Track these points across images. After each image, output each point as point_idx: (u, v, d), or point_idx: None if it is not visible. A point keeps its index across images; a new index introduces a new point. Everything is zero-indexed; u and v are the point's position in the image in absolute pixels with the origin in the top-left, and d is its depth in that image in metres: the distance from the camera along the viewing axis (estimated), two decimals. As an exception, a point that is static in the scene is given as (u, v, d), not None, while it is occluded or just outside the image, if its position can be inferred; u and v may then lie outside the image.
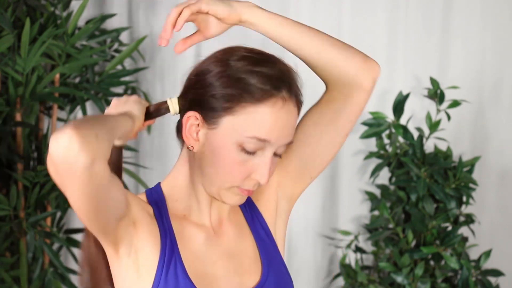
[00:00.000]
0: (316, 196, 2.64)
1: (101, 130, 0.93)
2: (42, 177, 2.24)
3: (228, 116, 1.07)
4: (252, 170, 1.09)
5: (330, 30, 2.59)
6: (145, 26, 2.58)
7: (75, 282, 2.50)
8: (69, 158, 0.88)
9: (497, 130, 2.61)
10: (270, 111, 1.07)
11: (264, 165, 1.09)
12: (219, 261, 1.14)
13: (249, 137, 1.06)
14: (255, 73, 1.08)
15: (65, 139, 0.88)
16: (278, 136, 1.08)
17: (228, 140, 1.07)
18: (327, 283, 2.69)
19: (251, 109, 1.06)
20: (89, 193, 0.93)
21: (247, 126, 1.06)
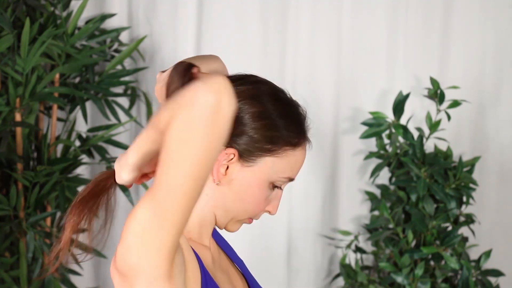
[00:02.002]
0: (316, 196, 2.64)
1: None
2: (42, 177, 2.24)
3: (269, 157, 1.10)
4: (268, 203, 1.15)
5: (330, 30, 2.61)
6: (145, 26, 2.58)
7: (75, 282, 2.49)
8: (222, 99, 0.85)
9: (497, 130, 2.61)
10: (302, 154, 1.14)
11: (278, 198, 1.16)
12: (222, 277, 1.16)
13: (284, 177, 1.12)
14: (296, 116, 1.13)
15: (216, 83, 0.85)
16: (296, 173, 1.16)
17: (263, 178, 1.11)
18: (327, 283, 2.69)
19: (291, 152, 1.12)
20: (219, 137, 0.87)
21: (285, 167, 1.12)
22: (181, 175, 0.88)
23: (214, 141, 0.87)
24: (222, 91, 0.86)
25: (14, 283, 2.29)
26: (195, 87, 0.86)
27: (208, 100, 0.85)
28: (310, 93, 2.57)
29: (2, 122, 2.24)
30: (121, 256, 0.95)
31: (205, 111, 0.85)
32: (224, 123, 0.87)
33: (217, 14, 2.57)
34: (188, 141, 0.86)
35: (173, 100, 0.88)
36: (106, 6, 2.55)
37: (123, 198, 2.63)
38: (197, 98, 0.85)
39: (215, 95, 0.85)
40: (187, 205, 0.90)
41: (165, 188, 0.89)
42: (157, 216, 0.90)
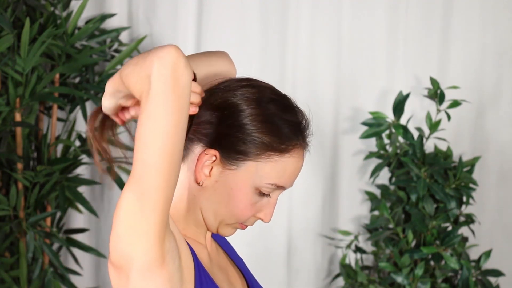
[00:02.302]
0: (316, 196, 2.64)
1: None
2: (41, 177, 2.24)
3: (252, 162, 1.06)
4: (258, 210, 1.11)
5: (330, 30, 2.61)
6: (145, 26, 2.58)
7: (75, 282, 2.49)
8: (178, 70, 0.91)
9: (497, 130, 2.61)
10: (292, 161, 1.08)
11: (271, 205, 1.11)
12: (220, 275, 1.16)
13: (269, 184, 1.07)
14: (285, 122, 1.08)
15: (171, 50, 0.92)
16: (291, 181, 1.10)
17: (247, 183, 1.07)
18: (327, 283, 2.69)
19: (277, 158, 1.07)
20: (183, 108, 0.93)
21: (270, 174, 1.07)
22: (154, 151, 0.91)
23: (178, 112, 0.92)
24: (175, 61, 0.91)
25: (14, 283, 2.29)
26: (150, 60, 0.92)
27: (163, 73, 0.91)
28: (310, 93, 2.57)
29: (2, 122, 2.24)
30: (113, 247, 0.96)
31: (163, 85, 0.91)
32: (183, 93, 0.92)
33: (217, 14, 2.57)
34: (154, 117, 0.91)
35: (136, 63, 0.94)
36: (106, 6, 2.55)
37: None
38: (153, 73, 0.91)
39: (169, 67, 0.91)
40: (166, 181, 0.93)
41: (141, 167, 0.92)
42: (138, 198, 0.92)
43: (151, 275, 0.95)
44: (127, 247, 0.94)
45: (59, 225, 2.49)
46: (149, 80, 0.91)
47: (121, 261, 0.96)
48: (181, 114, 0.92)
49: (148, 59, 0.92)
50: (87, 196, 2.63)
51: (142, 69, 0.92)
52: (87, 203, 2.30)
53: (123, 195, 0.94)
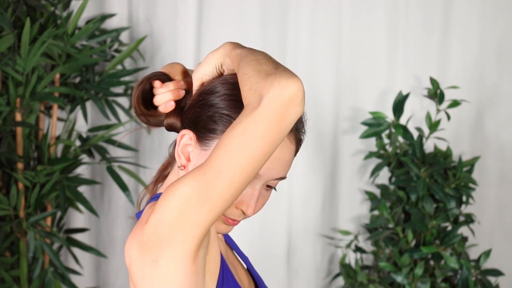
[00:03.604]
0: (316, 196, 2.64)
1: None
2: (42, 177, 2.24)
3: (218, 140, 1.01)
4: (239, 200, 1.05)
5: (330, 31, 2.61)
6: (145, 26, 2.59)
7: (75, 282, 2.50)
8: (294, 102, 0.91)
9: (497, 130, 2.61)
10: None
11: (251, 196, 1.05)
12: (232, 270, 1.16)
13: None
14: None
15: (294, 85, 0.91)
16: (267, 168, 1.02)
17: None
18: (327, 283, 2.69)
19: None
20: (279, 139, 0.93)
21: None
22: (235, 167, 0.91)
23: (273, 143, 0.92)
24: (293, 97, 0.90)
25: (15, 283, 2.29)
26: (270, 81, 0.91)
27: (276, 104, 0.90)
28: (310, 93, 2.57)
29: (2, 122, 2.24)
30: (152, 226, 0.95)
31: (271, 114, 0.90)
32: (286, 129, 0.91)
33: (217, 14, 2.57)
34: (249, 137, 0.90)
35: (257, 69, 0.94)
36: (106, 6, 2.56)
37: (123, 198, 2.63)
38: (267, 97, 0.90)
39: (285, 101, 0.90)
40: (233, 194, 0.93)
41: (216, 172, 0.92)
42: (199, 196, 0.92)
43: (182, 265, 0.96)
44: (167, 232, 0.94)
45: (60, 224, 2.49)
46: (261, 99, 0.90)
47: (155, 243, 0.95)
48: (274, 145, 0.92)
49: (270, 79, 0.91)
50: (87, 196, 2.64)
51: (259, 85, 0.91)
52: (87, 203, 2.31)
53: (182, 185, 0.93)
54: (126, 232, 2.66)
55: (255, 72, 0.93)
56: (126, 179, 2.54)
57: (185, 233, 0.94)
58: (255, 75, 0.93)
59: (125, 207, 2.66)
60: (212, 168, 0.92)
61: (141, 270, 0.97)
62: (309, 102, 1.20)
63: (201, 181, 0.92)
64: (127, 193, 2.38)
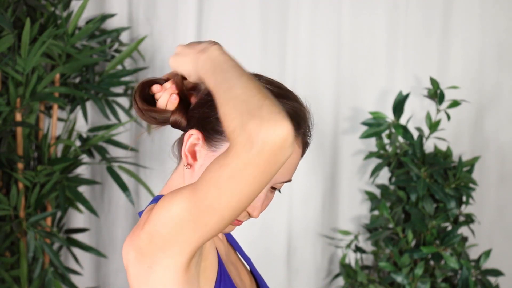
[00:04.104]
0: (316, 196, 2.65)
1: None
2: (42, 177, 2.24)
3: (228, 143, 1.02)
4: None
5: (330, 31, 2.61)
6: (145, 26, 2.59)
7: (75, 282, 2.50)
8: (283, 147, 0.87)
9: (497, 130, 2.61)
10: None
11: (258, 199, 1.07)
12: (233, 270, 1.16)
13: None
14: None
15: (284, 131, 0.86)
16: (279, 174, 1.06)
17: None
18: (327, 283, 2.69)
19: None
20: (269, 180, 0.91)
21: None
22: (227, 205, 0.91)
23: (265, 183, 0.90)
24: (284, 143, 0.86)
25: (15, 283, 2.29)
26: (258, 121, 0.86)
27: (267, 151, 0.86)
28: (310, 93, 2.57)
29: (2, 122, 2.24)
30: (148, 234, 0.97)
31: (261, 161, 0.87)
32: (278, 170, 0.89)
33: (217, 14, 2.57)
34: (241, 181, 0.89)
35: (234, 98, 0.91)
36: (106, 6, 2.56)
37: (123, 198, 2.63)
38: (257, 141, 0.86)
39: (275, 146, 0.86)
40: (223, 226, 0.94)
41: (208, 206, 0.92)
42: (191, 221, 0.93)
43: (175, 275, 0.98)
44: (163, 244, 0.96)
45: (60, 224, 2.49)
46: (250, 145, 0.86)
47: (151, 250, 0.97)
48: (264, 185, 0.90)
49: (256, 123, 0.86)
50: (87, 196, 2.64)
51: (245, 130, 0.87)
52: (87, 203, 2.31)
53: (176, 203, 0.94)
54: (126, 232, 2.66)
55: (237, 114, 0.88)
56: (126, 179, 2.54)
57: (177, 248, 0.96)
58: (237, 118, 0.88)
59: (125, 207, 2.66)
60: (204, 200, 0.92)
61: (137, 274, 1.00)
62: (309, 102, 1.19)
63: (193, 207, 0.93)
64: (127, 193, 2.38)
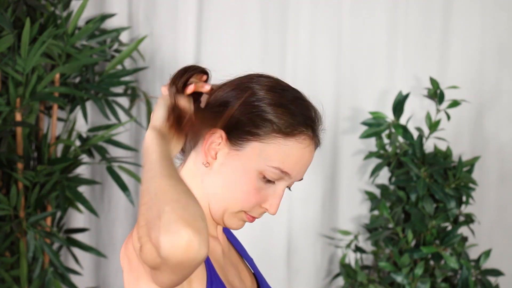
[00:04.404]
0: (316, 196, 2.65)
1: (194, 203, 0.88)
2: (42, 177, 2.24)
3: (256, 143, 1.06)
4: (264, 199, 1.10)
5: (330, 31, 2.61)
6: (145, 26, 2.59)
7: (75, 282, 2.50)
8: (189, 256, 0.85)
9: (497, 130, 2.61)
10: (298, 146, 1.08)
11: (277, 196, 1.11)
12: (232, 270, 1.16)
13: (273, 167, 1.07)
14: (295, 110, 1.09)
15: (183, 241, 0.84)
16: (298, 171, 1.11)
17: (251, 165, 1.07)
18: (327, 283, 2.69)
19: (281, 141, 1.07)
20: (189, 273, 0.91)
21: (274, 156, 1.07)
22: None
23: (186, 276, 0.90)
24: (189, 247, 0.84)
25: (15, 283, 2.29)
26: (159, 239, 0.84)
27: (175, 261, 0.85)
28: (310, 93, 2.56)
29: (2, 122, 2.24)
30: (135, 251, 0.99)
31: (176, 267, 0.86)
32: (196, 267, 0.88)
33: (217, 14, 2.57)
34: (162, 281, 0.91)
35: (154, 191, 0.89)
36: (106, 6, 2.56)
37: (123, 198, 2.63)
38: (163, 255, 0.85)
39: (182, 254, 0.84)
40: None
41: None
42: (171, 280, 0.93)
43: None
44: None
45: (59, 224, 2.49)
46: (158, 257, 0.87)
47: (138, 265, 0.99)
48: (187, 276, 0.91)
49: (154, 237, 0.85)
50: (87, 196, 2.64)
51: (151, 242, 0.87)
52: (87, 203, 2.31)
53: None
54: (126, 232, 2.66)
55: (145, 223, 0.89)
56: (126, 179, 2.54)
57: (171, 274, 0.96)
58: (144, 226, 0.89)
59: (125, 207, 2.66)
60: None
61: (128, 282, 1.02)
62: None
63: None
64: (127, 193, 2.38)
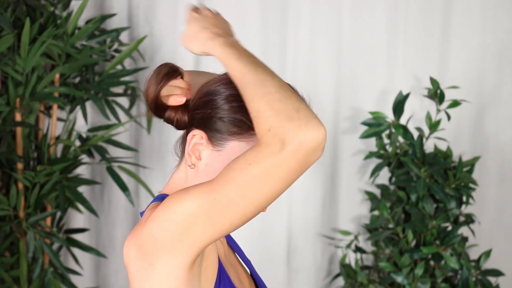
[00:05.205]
0: (316, 196, 2.64)
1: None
2: (42, 177, 2.24)
3: (235, 141, 1.06)
4: None
5: (330, 30, 2.61)
6: (145, 26, 2.59)
7: (75, 282, 2.50)
8: (316, 151, 0.90)
9: (497, 130, 2.61)
10: None
11: None
12: (232, 272, 1.17)
13: None
14: None
15: (320, 134, 0.90)
16: None
17: None
18: (327, 283, 2.69)
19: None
20: (296, 179, 0.94)
21: None
22: (253, 202, 0.93)
23: (293, 181, 0.92)
24: (319, 146, 0.90)
25: (14, 283, 2.29)
26: (296, 124, 0.89)
27: (305, 152, 0.89)
28: (310, 93, 2.57)
29: (2, 122, 2.24)
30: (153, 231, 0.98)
31: (298, 161, 0.90)
32: (307, 169, 0.91)
33: (217, 14, 2.57)
34: (271, 179, 0.91)
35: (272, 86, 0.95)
36: (106, 6, 2.56)
37: (123, 198, 2.63)
38: (290, 144, 0.89)
39: (311, 150, 0.89)
40: (242, 222, 0.95)
41: (230, 202, 0.93)
42: (207, 217, 0.94)
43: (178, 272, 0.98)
44: (170, 242, 0.96)
45: (59, 225, 2.49)
46: (284, 145, 0.89)
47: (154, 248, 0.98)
48: (292, 183, 0.93)
49: (294, 125, 0.90)
50: (87, 196, 2.64)
51: (281, 130, 0.90)
52: (87, 203, 2.31)
53: (188, 199, 0.95)
54: (126, 232, 2.66)
55: (273, 113, 0.92)
56: (126, 179, 2.54)
57: (186, 246, 0.96)
58: (273, 116, 0.92)
59: (125, 207, 2.66)
60: (225, 197, 0.93)
61: (137, 272, 1.00)
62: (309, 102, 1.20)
63: (209, 204, 0.94)
64: (127, 193, 2.38)
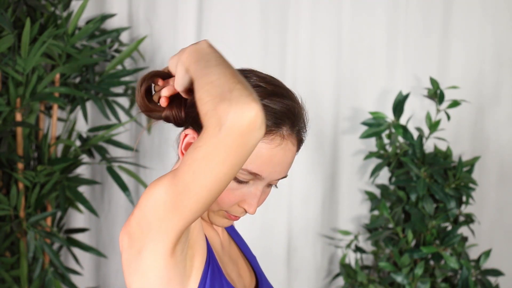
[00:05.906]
0: (316, 196, 2.65)
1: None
2: (42, 177, 2.24)
3: None
4: (241, 198, 1.09)
5: (330, 30, 2.61)
6: (145, 26, 2.59)
7: (75, 282, 2.50)
8: (251, 131, 0.88)
9: (497, 130, 2.61)
10: (266, 147, 1.05)
11: (253, 196, 1.09)
12: (230, 265, 1.16)
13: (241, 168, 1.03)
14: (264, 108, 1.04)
15: (251, 113, 0.88)
16: (270, 172, 1.07)
17: None
18: (327, 283, 2.69)
19: None
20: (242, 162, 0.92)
21: None
22: (202, 185, 0.92)
23: (237, 165, 0.91)
24: (253, 123, 0.88)
25: (15, 283, 2.29)
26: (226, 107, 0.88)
27: (235, 132, 0.88)
28: (310, 93, 2.58)
29: (2, 122, 2.24)
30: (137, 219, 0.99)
31: (230, 142, 0.88)
32: (249, 151, 0.90)
33: (217, 14, 2.57)
34: (212, 161, 0.90)
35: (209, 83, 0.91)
36: (106, 6, 2.56)
37: (123, 198, 2.63)
38: (226, 123, 0.88)
39: (243, 127, 0.87)
40: (201, 208, 0.95)
41: (185, 187, 0.93)
42: (172, 204, 0.95)
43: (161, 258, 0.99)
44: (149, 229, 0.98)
45: (60, 224, 2.50)
46: (220, 126, 0.88)
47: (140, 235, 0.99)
48: (237, 168, 0.92)
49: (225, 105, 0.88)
50: (87, 196, 2.64)
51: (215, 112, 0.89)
52: (88, 203, 2.31)
53: (159, 188, 0.96)
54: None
55: (210, 98, 0.90)
56: (126, 179, 2.54)
57: (163, 232, 0.97)
58: (210, 101, 0.90)
59: (125, 207, 2.66)
60: (181, 182, 0.93)
61: (128, 260, 1.02)
62: (309, 102, 1.20)
63: (173, 190, 0.95)
64: (127, 193, 2.38)
